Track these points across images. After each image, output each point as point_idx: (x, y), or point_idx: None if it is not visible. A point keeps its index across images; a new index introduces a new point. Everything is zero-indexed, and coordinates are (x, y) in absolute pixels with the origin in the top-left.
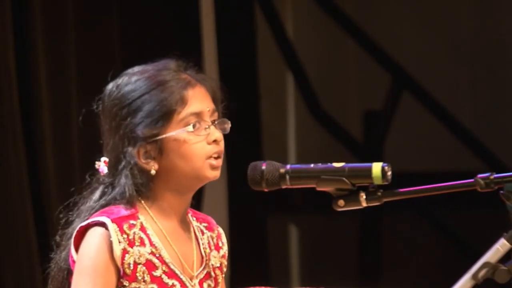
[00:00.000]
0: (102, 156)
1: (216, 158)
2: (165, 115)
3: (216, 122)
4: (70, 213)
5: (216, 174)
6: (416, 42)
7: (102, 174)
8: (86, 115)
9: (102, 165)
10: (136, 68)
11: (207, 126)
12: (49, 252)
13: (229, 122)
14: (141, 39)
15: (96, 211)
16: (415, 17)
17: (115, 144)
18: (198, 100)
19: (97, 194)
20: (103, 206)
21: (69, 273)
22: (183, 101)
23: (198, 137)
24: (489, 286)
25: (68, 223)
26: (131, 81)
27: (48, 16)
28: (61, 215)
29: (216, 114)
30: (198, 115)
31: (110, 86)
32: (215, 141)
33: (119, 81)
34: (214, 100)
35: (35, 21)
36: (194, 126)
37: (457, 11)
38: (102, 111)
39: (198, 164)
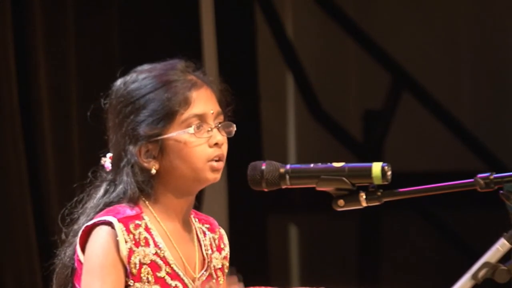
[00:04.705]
0: (104, 152)
1: (217, 160)
2: (167, 115)
3: (220, 125)
4: (75, 210)
5: (216, 176)
6: (416, 42)
7: (107, 169)
8: (87, 114)
9: (107, 161)
10: (145, 66)
11: (209, 129)
12: (49, 252)
13: (234, 125)
14: (141, 39)
15: (100, 208)
16: (415, 17)
17: (118, 141)
18: (202, 102)
19: (100, 191)
20: (107, 204)
21: (73, 271)
22: (186, 102)
23: (199, 139)
24: (489, 286)
25: (73, 221)
26: (138, 79)
27: (48, 16)
28: (66, 213)
29: (221, 117)
30: (201, 117)
31: (119, 82)
32: (216, 144)
33: (127, 78)
34: (220, 103)
35: (35, 21)
36: (195, 128)
37: (457, 11)
38: (109, 107)
39: (198, 166)
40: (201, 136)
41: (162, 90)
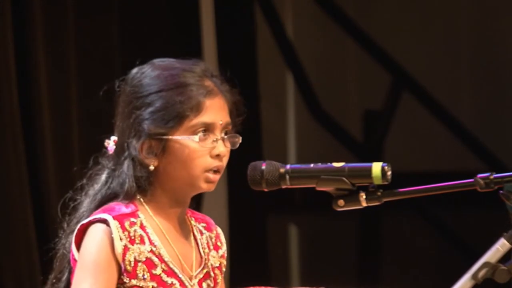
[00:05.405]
0: (107, 136)
1: (214, 172)
2: (176, 117)
3: (226, 137)
4: (78, 197)
5: (210, 187)
6: (416, 42)
7: (110, 152)
8: (86, 114)
9: (111, 144)
10: (165, 61)
11: (215, 139)
12: (49, 252)
13: (240, 137)
14: (141, 39)
15: (101, 196)
16: (415, 17)
17: (123, 130)
18: (214, 112)
19: (102, 178)
20: (107, 194)
21: (70, 264)
22: (198, 109)
23: (202, 148)
24: (489, 286)
25: (76, 207)
26: (154, 73)
27: (48, 16)
28: (67, 199)
29: (229, 127)
30: (209, 126)
31: (135, 70)
32: (218, 155)
33: (144, 69)
34: (231, 113)
35: (35, 21)
36: (201, 137)
37: (457, 11)
38: (121, 94)
39: (195, 173)
40: (204, 146)
41: (176, 91)
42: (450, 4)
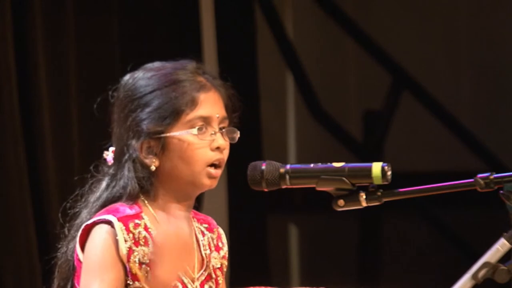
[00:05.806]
0: (106, 145)
1: (216, 167)
2: (172, 114)
3: (224, 130)
4: (77, 204)
5: (212, 183)
6: (416, 42)
7: (109, 163)
8: (87, 114)
9: (110, 155)
10: (155, 64)
11: (213, 132)
12: (49, 253)
13: (238, 131)
14: (141, 38)
15: (102, 202)
16: (415, 17)
17: (121, 134)
18: (209, 105)
19: (103, 185)
20: (109, 199)
21: (74, 268)
22: (193, 103)
23: (202, 141)
24: (489, 286)
25: (75, 215)
26: (147, 75)
27: (48, 16)
28: (67, 206)
29: (226, 122)
30: (206, 119)
31: (127, 77)
32: (218, 148)
33: (136, 73)
34: (227, 108)
35: (35, 21)
36: (199, 130)
37: (457, 11)
38: (115, 101)
39: (197, 168)
40: (203, 139)
41: (170, 88)
42: (450, 4)
